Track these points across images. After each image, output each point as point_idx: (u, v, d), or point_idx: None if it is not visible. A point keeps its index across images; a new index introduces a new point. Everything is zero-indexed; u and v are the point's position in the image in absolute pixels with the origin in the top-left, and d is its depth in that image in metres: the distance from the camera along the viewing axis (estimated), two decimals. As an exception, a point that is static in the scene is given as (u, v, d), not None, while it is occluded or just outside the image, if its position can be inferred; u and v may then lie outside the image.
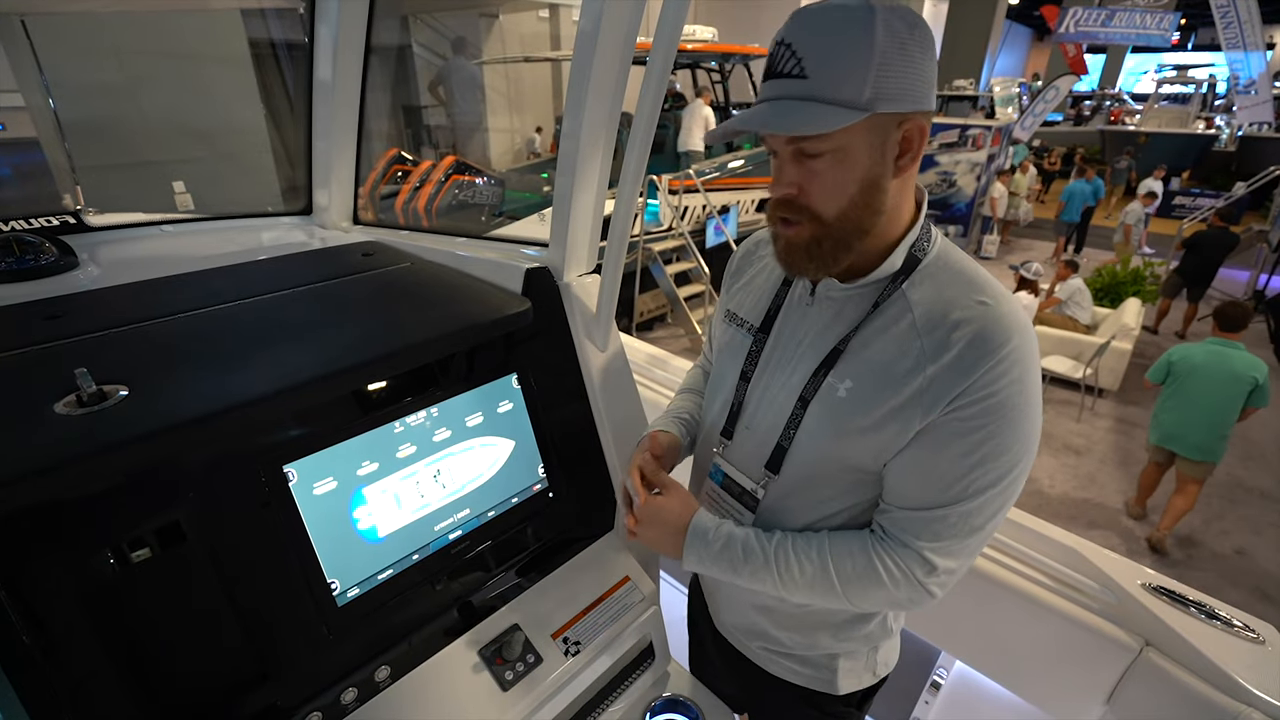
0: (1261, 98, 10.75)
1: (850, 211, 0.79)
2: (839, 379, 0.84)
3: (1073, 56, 14.09)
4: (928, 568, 0.82)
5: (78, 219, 1.46)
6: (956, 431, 0.78)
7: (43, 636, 0.70)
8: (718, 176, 7.54)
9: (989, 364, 0.75)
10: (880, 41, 0.70)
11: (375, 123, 7.78)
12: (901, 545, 0.83)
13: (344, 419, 0.96)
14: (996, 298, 0.80)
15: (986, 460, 0.77)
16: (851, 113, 0.71)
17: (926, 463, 0.80)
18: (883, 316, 0.83)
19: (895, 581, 0.83)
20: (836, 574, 0.85)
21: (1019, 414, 0.77)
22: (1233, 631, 1.13)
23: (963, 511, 0.80)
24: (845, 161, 0.76)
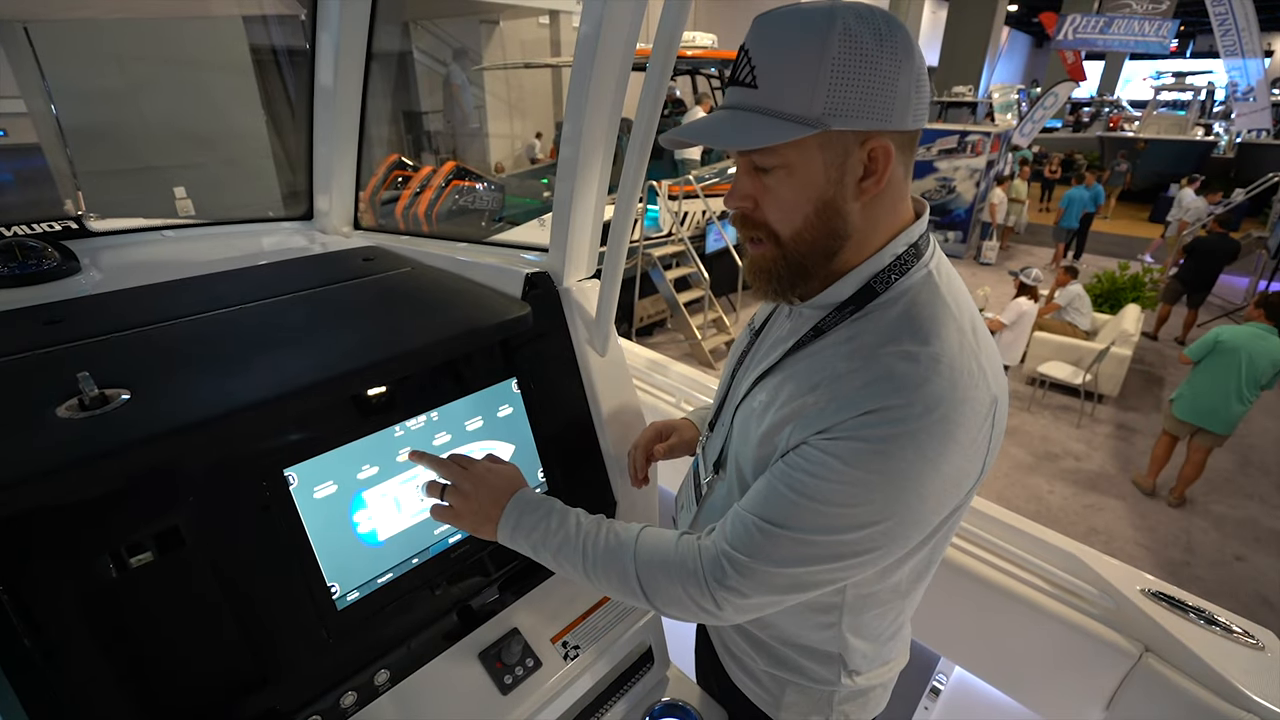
0: (1260, 105, 10.80)
1: (805, 233, 0.74)
2: (760, 390, 0.84)
3: (1071, 63, 14.15)
4: (720, 572, 0.75)
5: (80, 224, 1.47)
6: (808, 461, 0.71)
7: (43, 640, 0.71)
8: (717, 182, 7.55)
9: (873, 409, 0.68)
10: (835, 52, 0.64)
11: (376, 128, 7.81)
12: (709, 537, 0.79)
13: (344, 423, 0.96)
14: (936, 357, 0.69)
15: (824, 508, 0.70)
16: (798, 128, 0.67)
17: (772, 475, 0.75)
18: (815, 346, 0.79)
19: (687, 574, 0.77)
20: (638, 548, 0.81)
21: (885, 486, 0.68)
22: (1232, 637, 1.13)
23: (776, 534, 0.72)
24: (796, 179, 0.71)
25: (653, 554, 0.81)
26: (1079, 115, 24.38)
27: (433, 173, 5.97)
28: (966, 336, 0.73)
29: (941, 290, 0.76)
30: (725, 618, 0.78)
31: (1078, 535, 1.24)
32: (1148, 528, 4.38)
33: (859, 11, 0.66)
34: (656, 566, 0.80)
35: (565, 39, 10.57)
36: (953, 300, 0.75)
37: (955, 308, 0.75)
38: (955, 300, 0.76)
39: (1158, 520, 4.45)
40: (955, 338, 0.71)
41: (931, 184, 10.59)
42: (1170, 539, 4.27)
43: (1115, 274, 7.69)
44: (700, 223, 7.40)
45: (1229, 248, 7.48)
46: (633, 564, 0.81)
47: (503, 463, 0.96)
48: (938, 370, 0.68)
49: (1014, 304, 5.83)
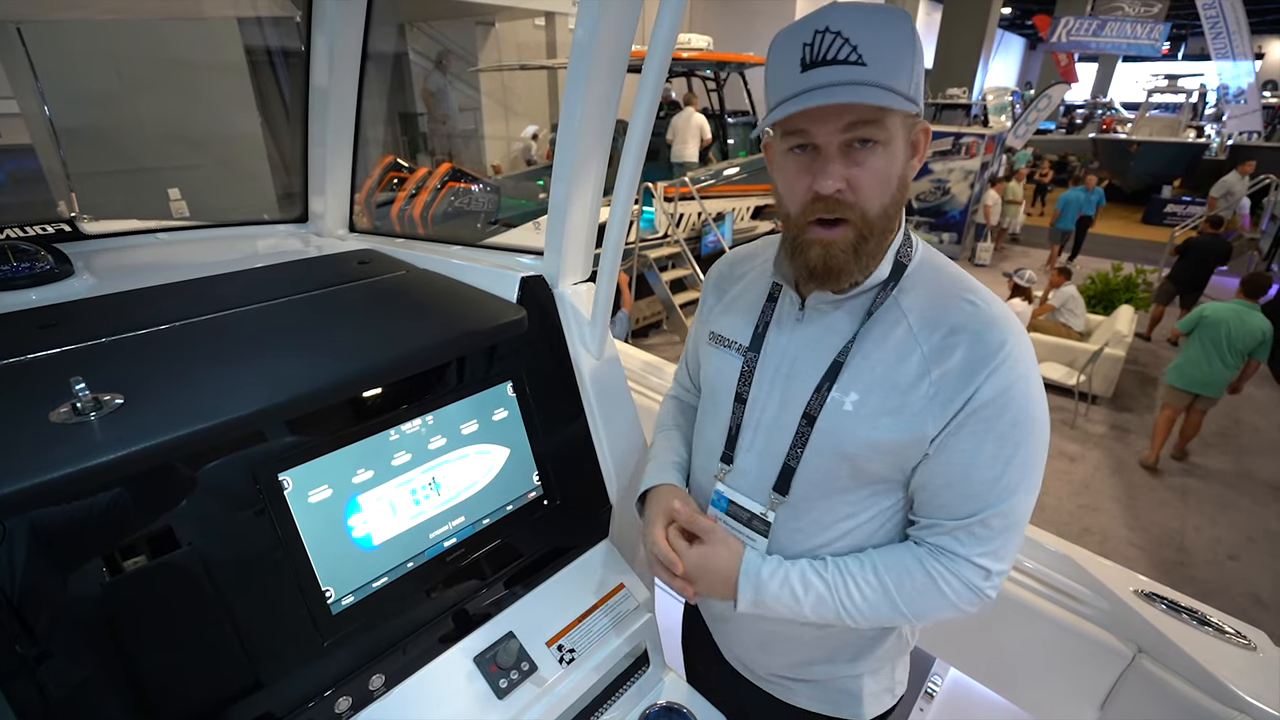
0: (1251, 107, 10.88)
1: (890, 208, 0.79)
2: (843, 392, 0.84)
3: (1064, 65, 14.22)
4: (983, 574, 0.84)
5: (73, 226, 1.46)
6: (979, 435, 0.79)
7: (35, 644, 0.70)
8: (713, 184, 7.56)
9: (993, 363, 0.77)
10: (918, 41, 0.74)
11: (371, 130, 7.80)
12: (953, 557, 0.84)
13: (339, 427, 0.96)
14: (985, 298, 0.83)
15: (1013, 457, 0.80)
16: (908, 102, 0.72)
17: (959, 473, 0.81)
18: (878, 325, 0.84)
19: (956, 592, 0.84)
20: (898, 594, 0.85)
21: (1030, 404, 0.80)
22: (1225, 638, 1.14)
23: (1003, 512, 0.82)
24: (891, 155, 0.77)
25: (913, 595, 0.85)
26: (1072, 117, 24.49)
27: (428, 174, 5.96)
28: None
29: (932, 249, 0.89)
30: (993, 600, 0.87)
31: (1071, 536, 1.24)
32: (1141, 528, 4.39)
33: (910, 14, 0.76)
34: (926, 600, 0.85)
35: (561, 41, 10.57)
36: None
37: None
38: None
39: (1151, 521, 4.47)
40: (970, 276, 0.86)
41: (926, 185, 10.61)
42: (1164, 539, 4.29)
43: (1109, 275, 7.73)
44: (696, 224, 7.41)
45: (1221, 248, 7.53)
46: (901, 607, 0.86)
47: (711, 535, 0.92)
48: (998, 304, 0.83)
49: (1008, 305, 5.84)
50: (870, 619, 0.87)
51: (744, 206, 8.10)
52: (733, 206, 7.86)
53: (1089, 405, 6.02)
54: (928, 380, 0.79)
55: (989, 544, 0.83)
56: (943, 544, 0.85)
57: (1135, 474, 5.01)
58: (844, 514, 0.89)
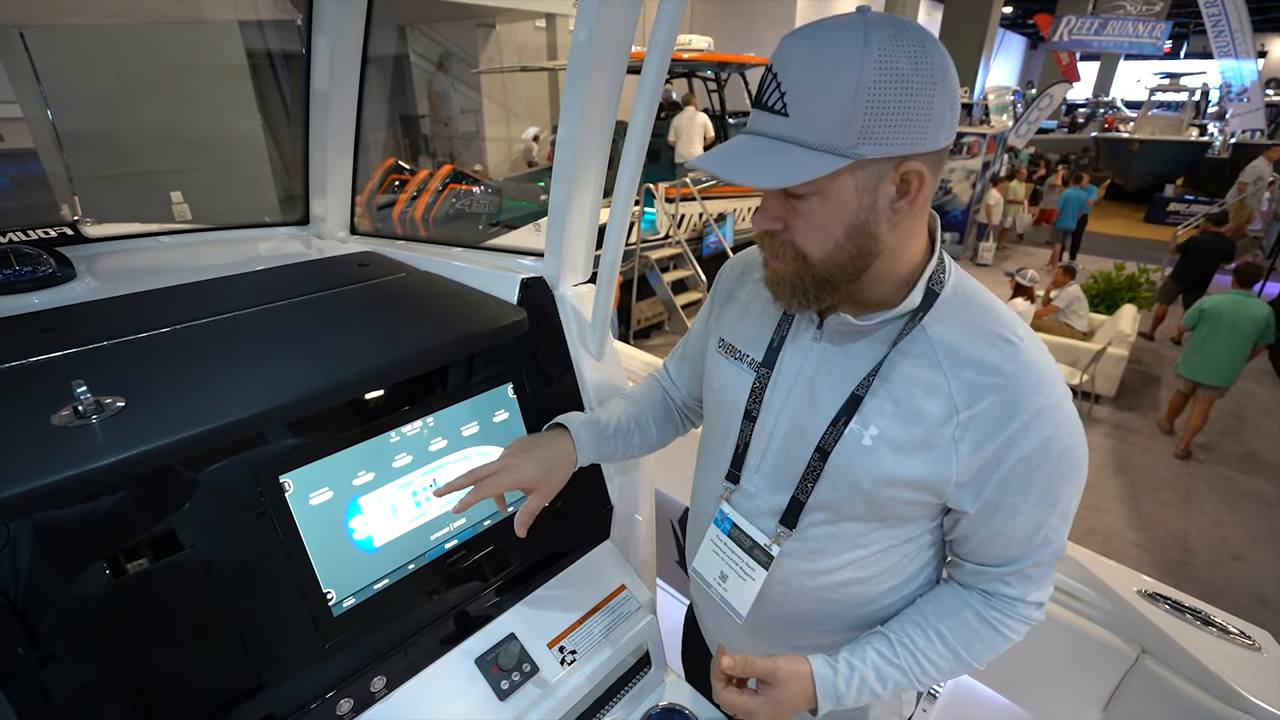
0: (1254, 105, 10.84)
1: (835, 254, 0.74)
2: (863, 425, 0.80)
3: (1066, 64, 14.20)
4: (1036, 606, 0.86)
5: (75, 230, 1.46)
6: (1021, 489, 0.77)
7: (37, 647, 0.70)
8: (715, 184, 7.56)
9: (1029, 413, 0.74)
10: (871, 80, 0.63)
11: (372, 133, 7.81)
12: (1008, 600, 0.85)
13: (340, 429, 0.96)
14: (1021, 335, 0.78)
15: (1057, 502, 0.79)
16: (832, 159, 0.66)
17: (1004, 526, 0.80)
18: (905, 357, 0.78)
19: (1015, 630, 0.86)
20: (968, 653, 0.86)
21: (1071, 452, 0.77)
22: (1229, 638, 1.13)
23: (1050, 552, 0.82)
24: (829, 204, 0.71)
25: (984, 650, 0.86)
26: (1074, 116, 24.44)
27: (429, 176, 5.96)
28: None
29: (966, 275, 0.83)
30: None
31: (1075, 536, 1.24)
32: (1145, 528, 4.38)
33: (893, 32, 0.64)
34: (993, 649, 0.87)
35: (562, 42, 10.58)
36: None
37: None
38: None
39: (1155, 521, 4.46)
40: (988, 292, 0.83)
41: (929, 186, 10.60)
42: (1168, 539, 4.28)
43: (1111, 274, 7.71)
44: (697, 225, 7.41)
45: (1223, 246, 7.51)
46: (973, 664, 0.87)
47: (774, 678, 0.83)
48: (1033, 341, 0.78)
49: (1010, 305, 5.83)
50: (944, 679, 0.91)
51: (745, 207, 8.10)
52: (734, 207, 7.86)
53: (1092, 404, 6.01)
54: (954, 421, 0.75)
55: (1041, 581, 0.85)
56: (995, 589, 0.85)
57: (1138, 474, 5.00)
58: (851, 545, 0.86)
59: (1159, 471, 5.04)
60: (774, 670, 0.83)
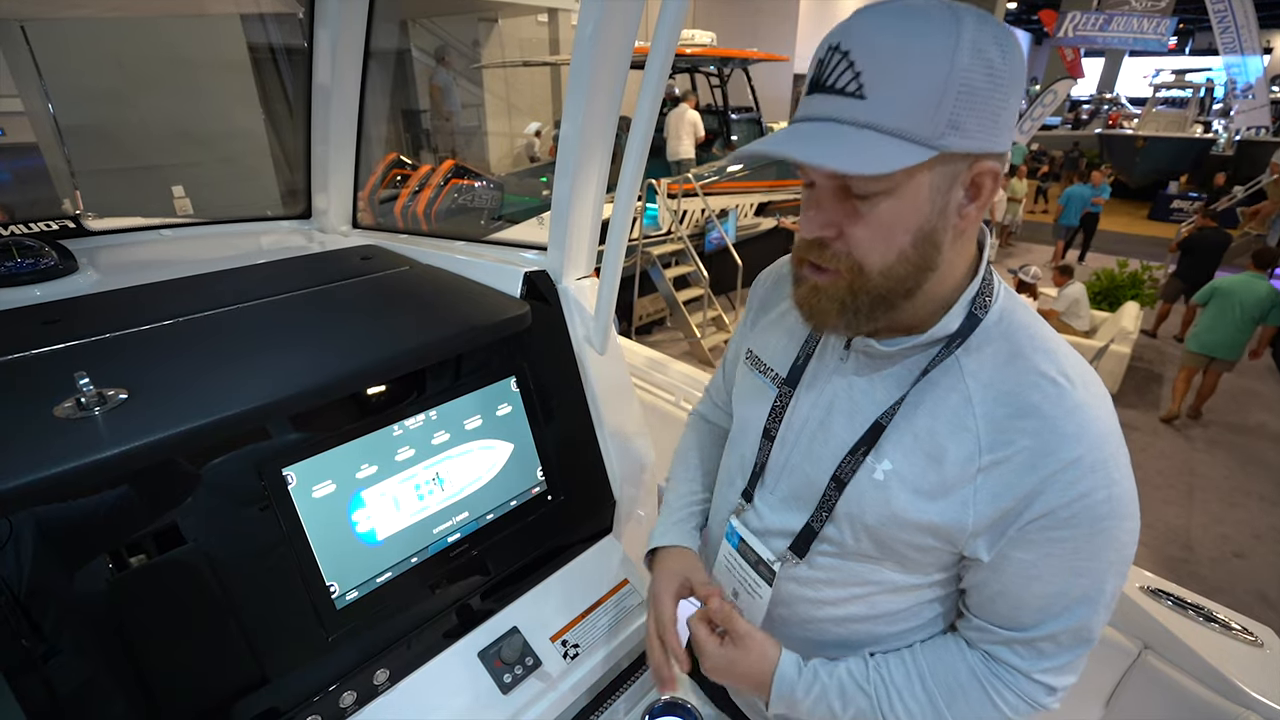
0: (1259, 102, 10.80)
1: (898, 266, 0.65)
2: (877, 459, 0.73)
3: (1070, 60, 14.15)
4: (1046, 690, 0.74)
5: (77, 223, 1.47)
6: (1042, 547, 0.67)
7: (41, 640, 0.70)
8: (716, 180, 7.55)
9: (1063, 462, 0.64)
10: (964, 61, 0.57)
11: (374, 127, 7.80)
12: (1011, 671, 0.74)
13: (343, 422, 0.96)
14: (1072, 376, 0.67)
15: (1088, 569, 0.68)
16: (918, 149, 0.58)
17: (1016, 584, 0.70)
18: (934, 388, 0.71)
19: (1012, 707, 0.74)
20: (948, 709, 0.75)
21: (1114, 513, 0.66)
22: (1231, 635, 1.13)
23: (1071, 629, 0.70)
24: (901, 206, 0.62)
25: (967, 713, 0.75)
26: (1078, 113, 24.37)
27: (431, 171, 5.96)
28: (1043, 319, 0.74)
29: (1013, 293, 0.74)
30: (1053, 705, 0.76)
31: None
32: (1147, 525, 4.36)
33: (982, 18, 0.58)
34: (972, 711, 0.75)
35: (564, 37, 10.56)
36: (1027, 309, 0.74)
37: (1034, 314, 0.74)
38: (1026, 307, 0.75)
39: (1157, 517, 4.46)
40: (1048, 327, 0.72)
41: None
42: (1170, 536, 4.27)
43: (1114, 272, 7.69)
44: (700, 221, 7.40)
45: (1222, 241, 7.53)
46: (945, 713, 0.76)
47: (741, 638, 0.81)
48: (1088, 388, 0.68)
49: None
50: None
51: (747, 203, 8.09)
52: (736, 203, 7.85)
53: (1094, 402, 6.00)
54: (977, 465, 0.67)
55: (1055, 659, 0.72)
56: (998, 654, 0.75)
57: (1140, 471, 4.92)
58: (857, 580, 0.80)
59: (1161, 469, 5.04)
60: (746, 635, 0.81)
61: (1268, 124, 11.87)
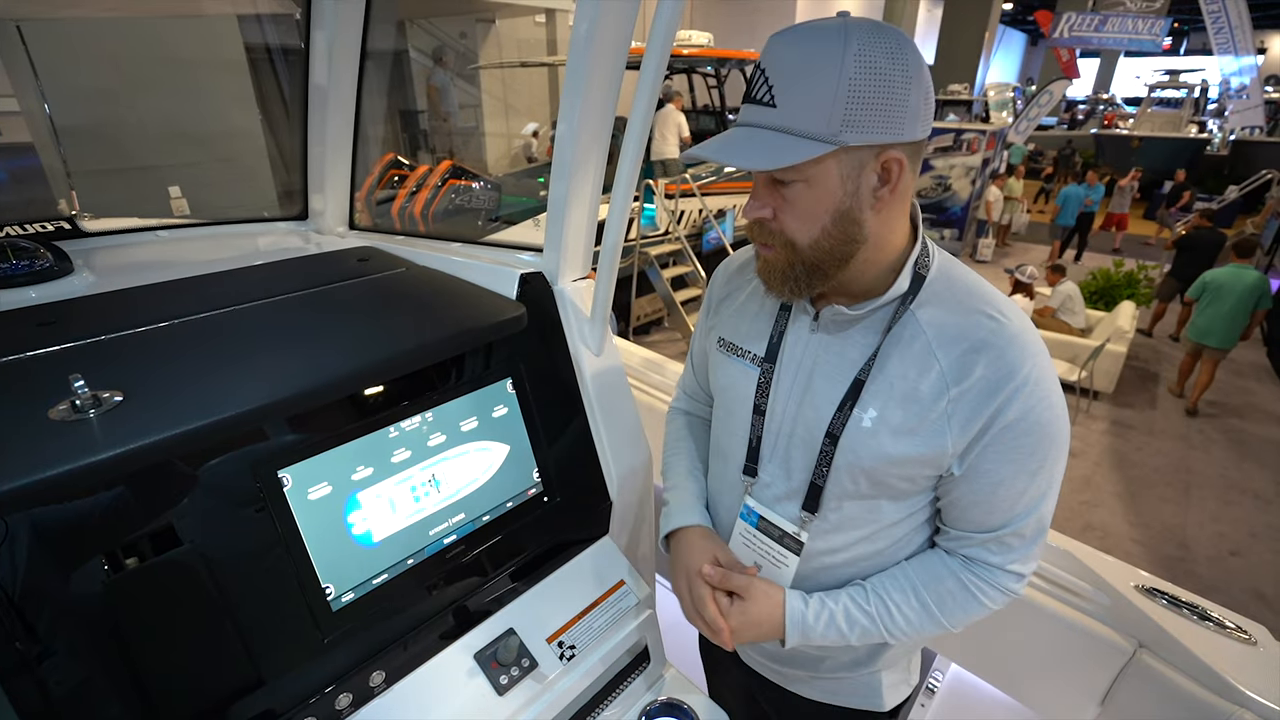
0: (1253, 102, 10.83)
1: (823, 240, 0.78)
2: (863, 410, 0.84)
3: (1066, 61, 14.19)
4: (1016, 578, 0.88)
5: (72, 224, 1.46)
6: (1005, 455, 0.80)
7: (36, 642, 0.70)
8: (714, 181, 7.55)
9: (1014, 383, 0.77)
10: (851, 72, 0.68)
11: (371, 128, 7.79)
12: (987, 567, 0.87)
13: (339, 424, 0.96)
14: (1005, 311, 0.81)
15: (1039, 470, 0.81)
16: (817, 145, 0.71)
17: (987, 492, 0.83)
18: (898, 341, 0.83)
19: (991, 598, 0.88)
20: (939, 610, 0.88)
21: (1053, 422, 0.80)
22: (1225, 633, 1.14)
23: (1032, 521, 0.84)
24: (816, 191, 0.76)
25: (954, 609, 0.88)
26: (1074, 113, 24.42)
27: (429, 172, 5.96)
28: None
29: (943, 251, 0.88)
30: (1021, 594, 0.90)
31: (1073, 532, 1.24)
32: (1143, 524, 4.40)
33: (871, 30, 0.70)
34: (965, 612, 0.89)
35: (562, 38, 10.54)
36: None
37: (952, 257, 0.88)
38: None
39: (1153, 516, 4.47)
40: (975, 273, 0.86)
41: (927, 182, 10.60)
42: (1165, 534, 4.29)
43: (1110, 271, 7.71)
44: (697, 221, 7.40)
45: (1218, 240, 7.55)
46: (943, 622, 0.89)
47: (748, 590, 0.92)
48: (1019, 317, 0.81)
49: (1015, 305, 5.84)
50: (913, 636, 0.91)
51: (745, 203, 8.08)
52: (733, 203, 7.85)
53: (1090, 401, 6.02)
54: (946, 398, 0.79)
55: (1020, 551, 0.86)
56: (975, 554, 0.88)
57: (1136, 470, 5.01)
58: (860, 522, 0.90)
59: (1158, 467, 5.06)
60: (749, 585, 0.92)
61: (1262, 124, 11.91)
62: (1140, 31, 12.59)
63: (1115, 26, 12.73)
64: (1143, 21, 12.52)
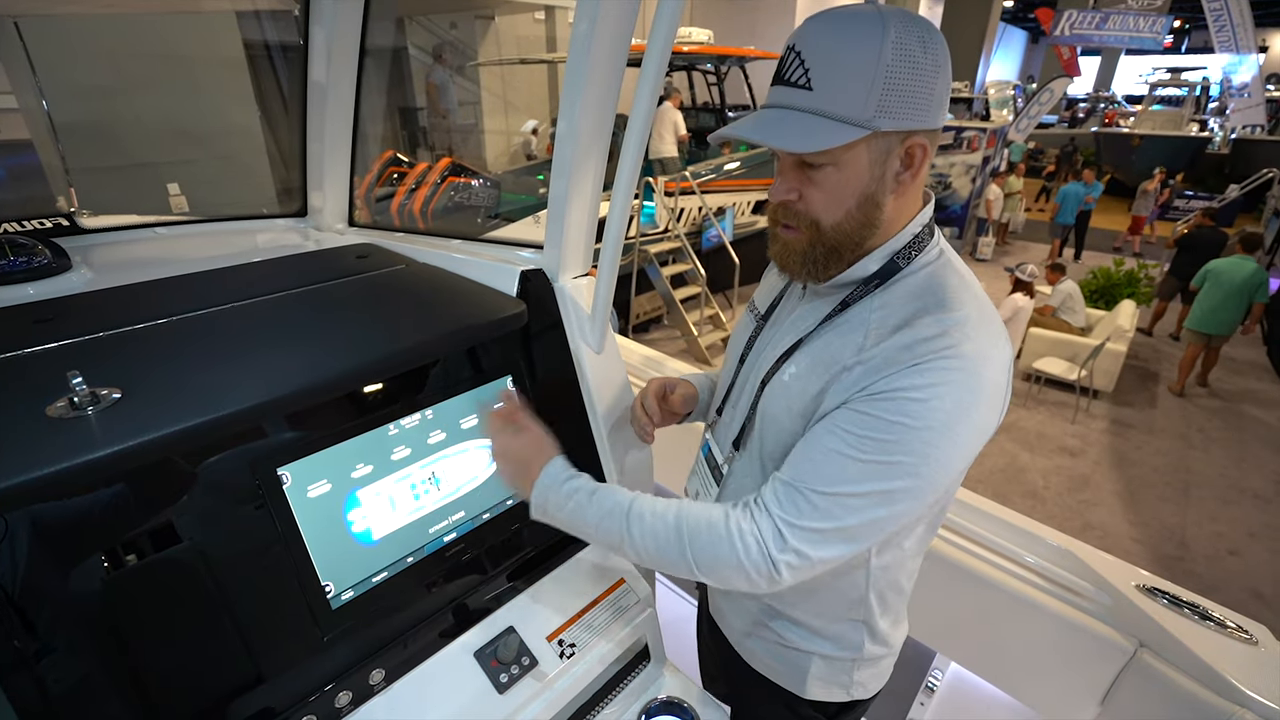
0: (1254, 100, 10.82)
1: (845, 223, 0.80)
2: (788, 366, 0.87)
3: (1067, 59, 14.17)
4: (780, 541, 0.77)
5: (71, 221, 1.46)
6: (851, 420, 0.76)
7: (35, 640, 0.70)
8: (714, 178, 7.54)
9: (912, 364, 0.73)
10: (888, 58, 0.70)
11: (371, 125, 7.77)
12: (761, 510, 0.80)
13: (338, 421, 0.96)
14: (966, 329, 0.75)
15: (870, 461, 0.74)
16: (853, 129, 0.72)
17: (814, 438, 0.79)
18: (845, 317, 0.84)
19: (746, 547, 0.78)
20: (690, 540, 0.81)
21: (927, 433, 0.73)
22: (1226, 632, 1.14)
23: (829, 498, 0.76)
24: (845, 174, 0.77)
25: (700, 530, 0.82)
26: (1074, 111, 24.40)
27: (428, 169, 5.95)
28: (982, 300, 0.81)
29: (954, 264, 0.84)
30: (784, 583, 0.79)
31: (1073, 531, 1.24)
32: (1142, 523, 4.40)
33: (906, 19, 0.71)
34: (709, 544, 0.81)
35: (561, 35, 10.52)
36: (964, 272, 0.84)
37: (968, 278, 0.84)
38: (966, 273, 0.85)
39: (1152, 516, 4.47)
40: (974, 301, 0.80)
41: (928, 179, 10.59)
42: (1165, 534, 4.29)
43: (1110, 270, 7.71)
44: (697, 219, 7.39)
45: (1219, 239, 7.54)
46: (686, 544, 0.82)
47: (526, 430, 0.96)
48: (966, 329, 0.75)
49: (1009, 300, 5.85)
50: (654, 556, 0.84)
51: (745, 201, 8.08)
52: (733, 201, 7.84)
53: (1090, 400, 6.02)
54: (852, 362, 0.78)
55: (801, 517, 0.77)
56: (763, 492, 0.81)
57: (1136, 469, 5.01)
58: (764, 472, 0.92)
59: (1157, 466, 5.06)
60: (529, 427, 0.97)
61: (1263, 122, 11.90)
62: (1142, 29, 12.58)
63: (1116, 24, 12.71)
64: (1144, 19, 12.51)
